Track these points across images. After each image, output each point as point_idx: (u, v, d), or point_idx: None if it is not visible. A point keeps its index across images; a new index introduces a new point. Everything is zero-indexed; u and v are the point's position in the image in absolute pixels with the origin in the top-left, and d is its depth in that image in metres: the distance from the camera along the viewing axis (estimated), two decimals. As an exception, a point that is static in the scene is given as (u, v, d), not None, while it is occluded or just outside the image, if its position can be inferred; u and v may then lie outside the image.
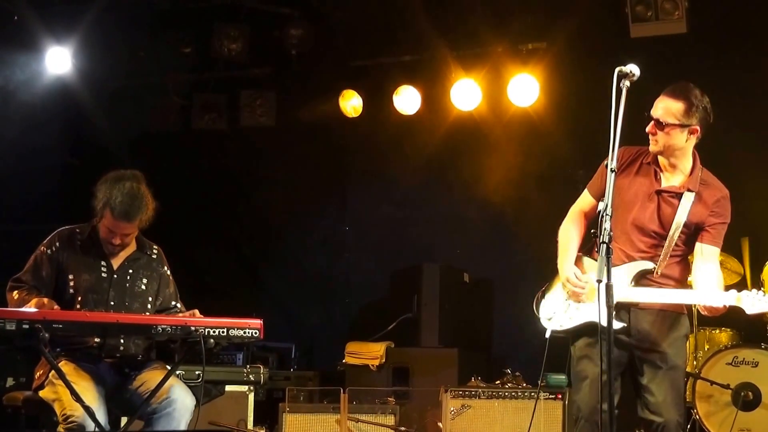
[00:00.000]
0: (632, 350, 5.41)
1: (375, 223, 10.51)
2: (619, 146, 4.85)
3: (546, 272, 9.55)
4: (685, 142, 5.34)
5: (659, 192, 5.41)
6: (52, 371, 5.43)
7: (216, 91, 10.96)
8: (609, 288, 4.64)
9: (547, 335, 5.65)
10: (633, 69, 4.90)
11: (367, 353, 9.34)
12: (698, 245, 5.40)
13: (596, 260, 5.39)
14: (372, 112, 10.37)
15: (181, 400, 5.62)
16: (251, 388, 7.90)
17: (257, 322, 5.54)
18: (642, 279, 5.37)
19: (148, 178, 5.98)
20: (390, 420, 8.12)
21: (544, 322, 5.69)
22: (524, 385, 8.37)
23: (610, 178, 4.82)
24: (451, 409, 7.99)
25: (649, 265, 5.35)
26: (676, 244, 5.37)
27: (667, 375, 5.36)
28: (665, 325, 5.40)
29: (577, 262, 5.60)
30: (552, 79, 9.57)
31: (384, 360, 9.30)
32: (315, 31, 10.10)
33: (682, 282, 5.49)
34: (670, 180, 5.44)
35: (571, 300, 5.53)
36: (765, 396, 7.61)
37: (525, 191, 9.76)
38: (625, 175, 5.48)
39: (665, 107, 5.32)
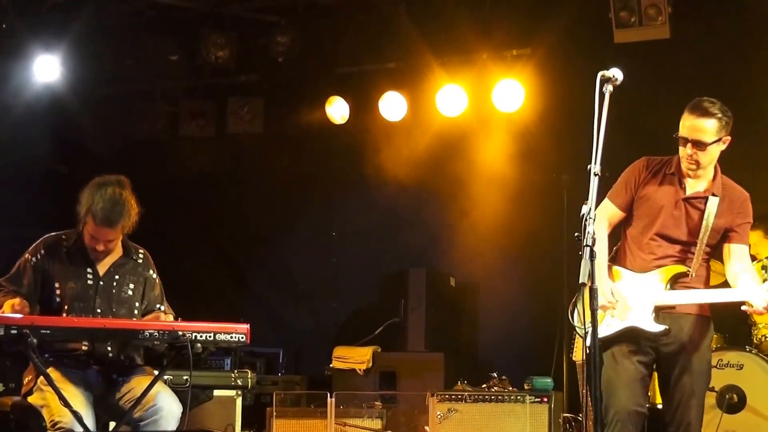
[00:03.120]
0: (660, 353, 5.51)
1: (362, 228, 10.54)
2: (603, 150, 4.86)
3: (533, 277, 9.69)
4: (718, 153, 5.52)
5: (686, 200, 5.54)
6: (41, 377, 5.44)
7: (203, 97, 11.00)
8: (593, 291, 4.67)
9: (588, 343, 5.68)
10: (616, 73, 4.95)
11: (354, 358, 9.38)
12: (728, 246, 5.56)
13: (625, 267, 5.64)
14: (358, 119, 10.43)
15: (167, 408, 5.62)
16: (239, 392, 7.93)
17: (244, 327, 5.56)
18: (676, 283, 5.48)
19: (135, 185, 5.98)
20: (377, 424, 8.17)
21: (580, 330, 5.64)
22: (510, 388, 8.40)
23: (593, 182, 4.84)
24: (438, 413, 8.02)
25: (683, 267, 5.48)
26: (705, 248, 5.50)
27: (695, 376, 5.47)
28: (697, 332, 5.52)
29: (608, 271, 5.69)
30: (537, 84, 9.63)
31: (371, 364, 9.34)
32: (301, 39, 10.11)
33: (708, 284, 5.62)
34: (694, 187, 5.56)
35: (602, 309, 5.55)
36: (750, 399, 7.61)
37: (510, 196, 9.81)
38: (650, 185, 5.64)
39: (700, 128, 5.43)
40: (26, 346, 5.01)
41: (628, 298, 5.51)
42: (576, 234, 4.89)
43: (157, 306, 6.13)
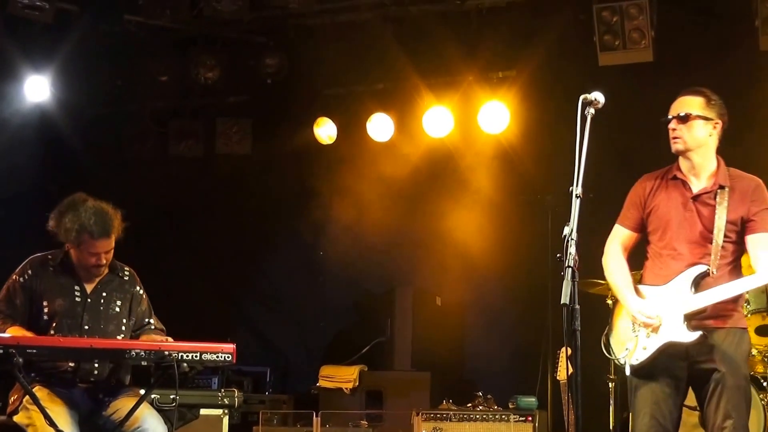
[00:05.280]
0: (694, 366, 5.36)
1: (349, 248, 10.53)
2: (586, 172, 4.88)
3: (518, 297, 9.75)
4: (708, 137, 5.44)
5: (694, 198, 5.44)
6: (27, 396, 5.47)
7: (192, 118, 11.05)
8: (574, 312, 4.70)
9: (628, 372, 5.54)
10: (597, 96, 4.98)
11: (341, 377, 9.41)
12: (749, 237, 5.38)
13: (653, 285, 5.50)
14: (346, 139, 10.47)
15: (153, 430, 5.68)
16: (226, 411, 7.91)
17: (230, 347, 5.61)
18: (700, 284, 5.32)
19: (124, 204, 6.06)
20: (363, 443, 8.22)
21: (621, 360, 5.56)
22: (495, 407, 8.47)
23: (575, 204, 4.87)
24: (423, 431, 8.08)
25: (702, 267, 5.31)
26: (724, 245, 5.35)
27: (730, 392, 5.26)
28: (730, 345, 5.33)
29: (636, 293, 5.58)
30: (522, 106, 9.70)
31: (357, 383, 9.38)
32: (290, 60, 10.18)
33: None
34: (699, 184, 5.48)
35: (643, 330, 5.44)
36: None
37: (496, 216, 9.87)
38: (656, 196, 5.57)
39: (685, 103, 5.49)
40: (12, 366, 5.06)
41: (659, 314, 5.38)
42: (558, 255, 4.89)
43: (146, 320, 6.20)
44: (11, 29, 9.61)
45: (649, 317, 5.37)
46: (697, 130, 5.43)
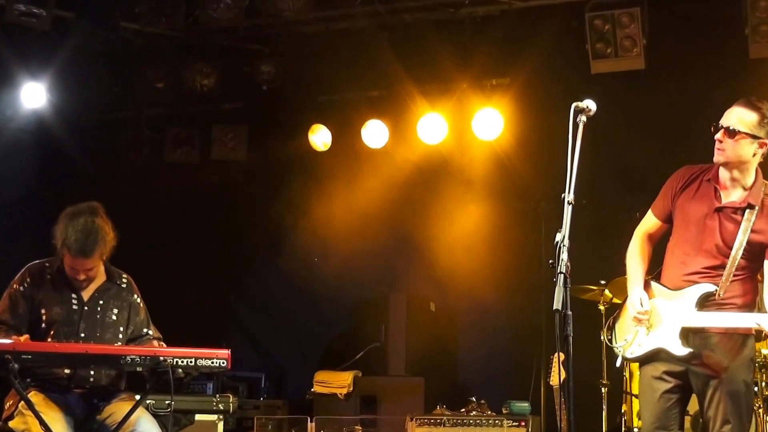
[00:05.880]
0: (692, 369, 5.34)
1: (343, 253, 10.53)
2: (579, 178, 4.88)
3: (512, 302, 9.79)
4: (752, 156, 5.29)
5: (719, 209, 5.34)
6: (22, 402, 5.50)
7: (188, 125, 11.06)
8: (566, 317, 4.72)
9: (618, 363, 5.65)
10: (589, 104, 4.98)
11: (336, 382, 9.42)
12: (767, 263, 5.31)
13: (665, 286, 5.46)
14: (341, 146, 10.49)
15: None
16: (220, 417, 7.97)
17: (225, 353, 5.64)
18: (705, 302, 5.29)
19: (120, 210, 6.10)
20: (357, 448, 8.25)
21: (617, 350, 5.59)
22: (489, 412, 8.50)
23: (567, 210, 4.87)
24: (417, 437, 8.12)
25: (710, 287, 5.26)
26: (738, 264, 5.27)
27: (727, 398, 5.24)
28: (728, 351, 5.28)
29: (645, 287, 5.52)
30: (515, 113, 9.72)
31: (352, 389, 9.37)
32: (285, 67, 10.21)
33: (747, 301, 5.37)
34: (729, 196, 5.36)
35: (635, 324, 5.45)
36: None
37: (490, 222, 9.90)
38: (685, 195, 5.47)
39: (738, 116, 5.27)
40: (7, 372, 5.09)
41: (660, 316, 5.37)
42: (550, 261, 4.94)
43: (144, 330, 6.21)
44: (8, 36, 9.64)
45: (640, 313, 5.38)
46: (742, 148, 5.27)
